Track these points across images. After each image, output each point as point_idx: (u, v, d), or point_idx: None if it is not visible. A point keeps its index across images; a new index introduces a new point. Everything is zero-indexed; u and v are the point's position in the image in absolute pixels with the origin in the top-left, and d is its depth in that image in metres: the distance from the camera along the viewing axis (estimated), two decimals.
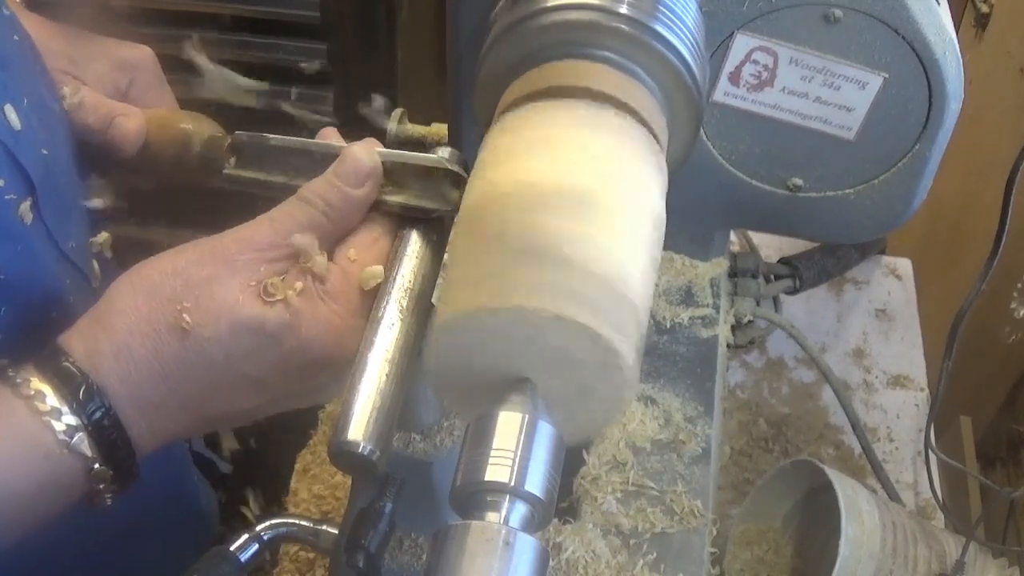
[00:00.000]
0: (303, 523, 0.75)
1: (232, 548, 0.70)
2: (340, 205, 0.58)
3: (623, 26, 0.56)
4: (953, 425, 1.52)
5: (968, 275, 0.94)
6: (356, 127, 1.53)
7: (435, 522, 0.71)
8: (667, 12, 0.57)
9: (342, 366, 0.55)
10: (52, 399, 0.50)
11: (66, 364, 0.51)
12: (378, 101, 0.90)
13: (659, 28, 0.56)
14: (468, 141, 0.82)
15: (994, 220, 0.84)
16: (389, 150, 0.61)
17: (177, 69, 0.77)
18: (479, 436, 0.47)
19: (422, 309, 0.57)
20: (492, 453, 0.47)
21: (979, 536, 0.88)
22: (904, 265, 1.28)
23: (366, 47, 1.51)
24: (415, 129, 1.11)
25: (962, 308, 0.89)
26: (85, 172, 0.71)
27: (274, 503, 1.05)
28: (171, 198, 0.81)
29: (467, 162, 0.63)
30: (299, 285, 0.55)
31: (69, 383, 0.51)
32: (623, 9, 0.56)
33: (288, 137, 0.63)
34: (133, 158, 0.70)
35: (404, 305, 0.56)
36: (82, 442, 0.51)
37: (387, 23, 1.55)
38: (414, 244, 0.59)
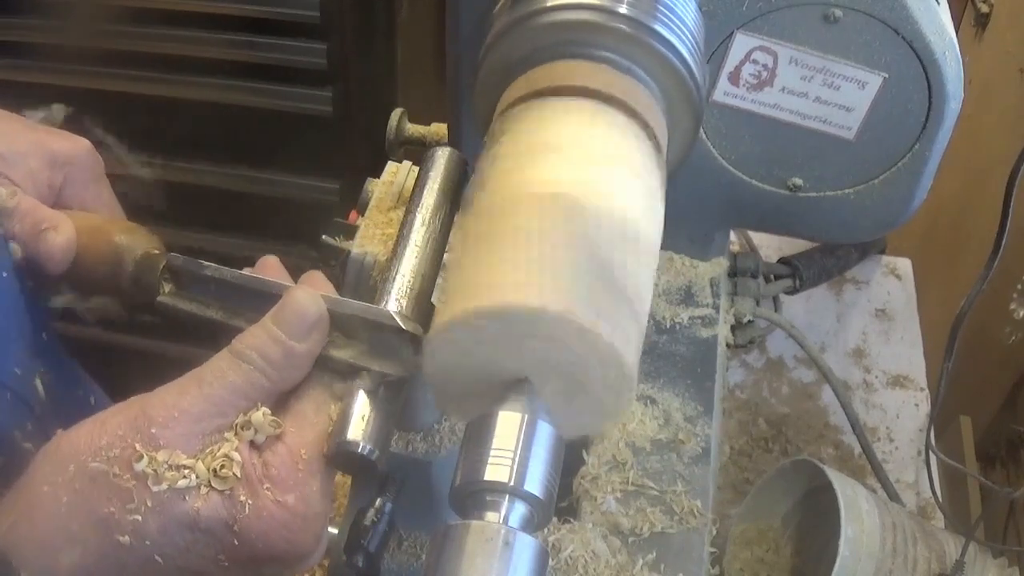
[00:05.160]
0: None
1: None
2: (280, 362, 0.50)
3: (623, 26, 0.56)
4: (953, 425, 1.52)
5: (968, 275, 0.94)
6: (355, 128, 1.54)
7: (435, 522, 0.71)
8: (667, 12, 0.57)
9: (295, 558, 0.50)
10: None
11: None
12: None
13: (659, 28, 0.56)
14: (468, 141, 0.82)
15: (994, 220, 0.84)
16: (337, 297, 0.54)
17: (177, 70, 0.77)
18: (478, 436, 0.47)
19: (421, 309, 0.57)
20: (491, 453, 0.47)
21: (979, 536, 0.88)
22: (904, 265, 1.28)
23: (366, 47, 1.51)
24: (415, 129, 1.12)
25: (962, 308, 0.89)
26: (24, 279, 0.63)
27: None
28: None
29: (467, 162, 0.63)
30: (239, 468, 0.49)
31: None
32: (623, 9, 0.56)
33: (225, 268, 0.57)
34: (63, 275, 0.63)
35: (404, 305, 0.56)
36: None
37: (387, 23, 1.55)
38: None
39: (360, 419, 0.52)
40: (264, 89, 1.48)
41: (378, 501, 0.65)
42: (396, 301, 0.56)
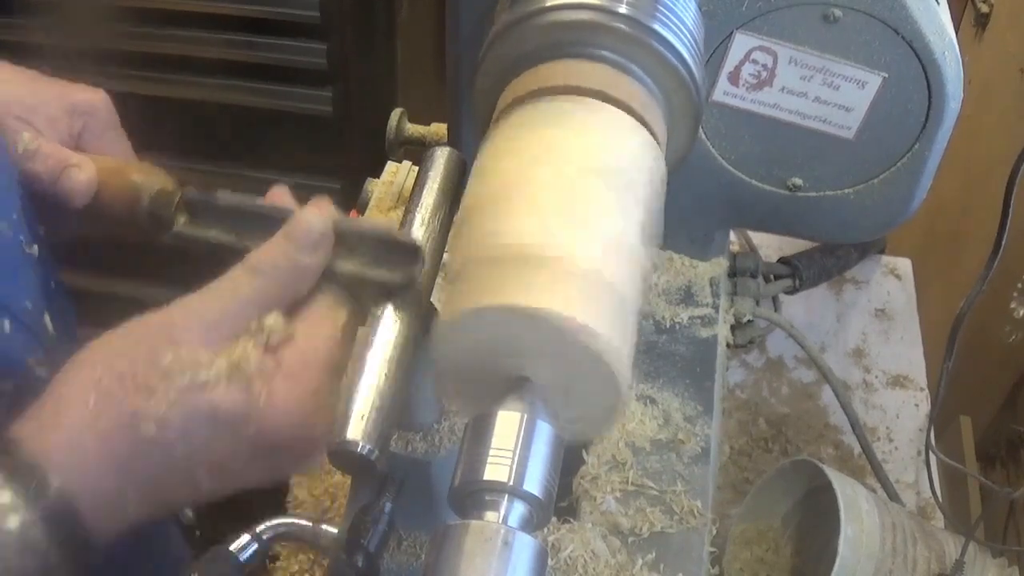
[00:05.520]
0: (303, 523, 0.75)
1: (231, 548, 0.70)
2: (289, 273, 0.55)
3: (622, 26, 0.56)
4: (953, 425, 1.52)
5: (968, 275, 0.94)
6: (355, 128, 1.54)
7: (434, 522, 0.71)
8: (666, 12, 0.57)
9: (308, 449, 0.54)
10: (4, 495, 0.48)
11: (18, 458, 0.49)
12: None
13: (658, 28, 0.56)
14: (468, 141, 0.82)
15: (994, 220, 0.84)
16: (342, 216, 0.58)
17: (177, 70, 0.78)
18: (478, 435, 0.47)
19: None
20: (491, 453, 0.47)
21: (979, 536, 0.88)
22: (904, 265, 1.28)
23: (366, 47, 1.52)
24: (415, 129, 1.12)
25: (962, 308, 0.89)
26: (36, 224, 0.67)
27: (274, 503, 1.05)
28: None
29: (466, 161, 0.63)
30: (255, 364, 0.52)
31: (21, 479, 0.49)
32: (622, 9, 0.56)
33: (238, 196, 0.61)
34: (82, 210, 0.67)
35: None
36: (37, 538, 0.49)
37: (387, 23, 1.55)
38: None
39: (359, 419, 0.52)
40: (264, 89, 1.48)
41: (378, 501, 0.65)
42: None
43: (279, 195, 0.61)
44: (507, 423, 0.47)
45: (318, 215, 0.56)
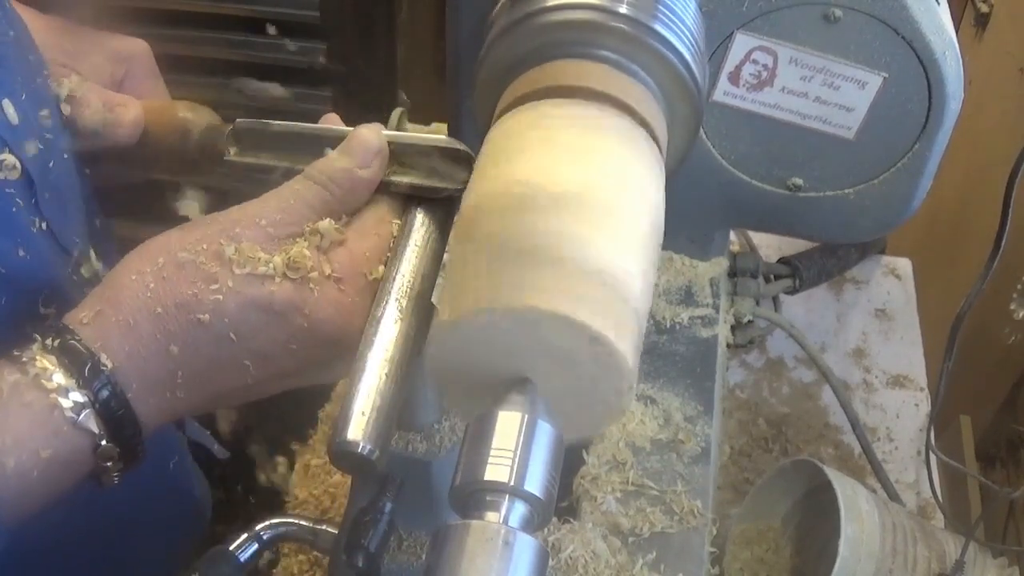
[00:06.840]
0: (302, 523, 0.75)
1: (231, 548, 0.70)
2: (347, 184, 0.58)
3: (623, 26, 0.56)
4: (953, 425, 1.52)
5: (968, 275, 0.94)
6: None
7: (435, 522, 0.71)
8: (667, 12, 0.57)
9: (349, 344, 0.56)
10: (59, 376, 0.50)
11: (72, 342, 0.51)
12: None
13: (659, 28, 0.56)
14: (468, 141, 0.82)
15: (994, 220, 0.84)
16: (395, 132, 0.62)
17: (177, 70, 0.78)
18: (478, 436, 0.47)
19: (422, 309, 0.57)
20: (491, 453, 0.47)
21: (979, 536, 0.88)
22: (904, 265, 1.28)
23: (366, 47, 1.51)
24: (415, 129, 1.12)
25: (962, 308, 0.89)
26: (82, 166, 0.70)
27: (274, 503, 1.05)
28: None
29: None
30: (309, 263, 0.55)
31: (75, 360, 0.51)
32: (623, 9, 0.56)
33: (289, 123, 0.64)
34: (131, 148, 0.70)
35: (404, 305, 0.56)
36: (89, 419, 0.51)
37: (387, 23, 1.55)
38: (419, 223, 0.60)
39: (360, 418, 0.52)
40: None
41: (378, 501, 0.65)
42: (396, 301, 0.56)
43: (332, 120, 0.65)
44: (508, 423, 0.47)
45: (375, 131, 0.61)
